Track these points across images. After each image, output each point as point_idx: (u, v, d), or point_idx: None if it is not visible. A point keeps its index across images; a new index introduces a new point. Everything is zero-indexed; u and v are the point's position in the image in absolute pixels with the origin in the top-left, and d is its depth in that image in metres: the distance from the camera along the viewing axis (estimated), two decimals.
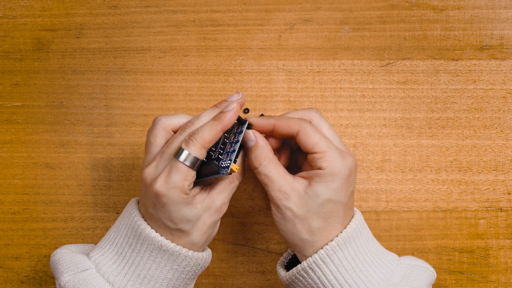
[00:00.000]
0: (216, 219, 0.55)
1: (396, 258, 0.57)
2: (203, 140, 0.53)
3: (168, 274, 0.54)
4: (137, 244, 0.54)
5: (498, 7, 0.67)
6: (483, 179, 0.66)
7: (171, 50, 0.67)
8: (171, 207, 0.52)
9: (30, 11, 0.67)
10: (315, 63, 0.67)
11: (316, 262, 0.53)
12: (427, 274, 0.56)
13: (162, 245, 0.53)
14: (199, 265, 0.55)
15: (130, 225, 0.55)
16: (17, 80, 0.67)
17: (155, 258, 0.53)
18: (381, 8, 0.67)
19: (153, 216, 0.54)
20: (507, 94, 0.66)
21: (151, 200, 0.53)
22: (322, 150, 0.54)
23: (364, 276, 0.54)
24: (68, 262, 0.54)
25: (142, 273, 0.53)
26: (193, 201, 0.54)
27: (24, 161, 0.66)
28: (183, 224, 0.53)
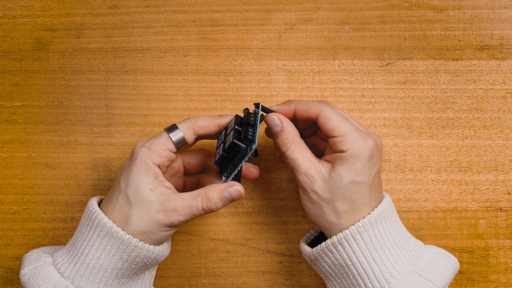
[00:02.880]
0: (160, 219, 0.54)
1: (421, 244, 0.58)
2: (196, 123, 0.56)
3: (117, 263, 0.54)
4: (89, 232, 0.54)
5: (498, 7, 0.67)
6: (483, 179, 0.66)
7: (171, 50, 0.67)
8: (134, 166, 0.54)
9: (30, 11, 0.67)
10: (315, 63, 0.67)
11: (346, 237, 0.54)
12: (452, 263, 0.57)
13: (112, 230, 0.53)
14: (150, 258, 0.55)
15: (86, 215, 0.55)
16: (17, 80, 0.67)
17: (105, 246, 0.53)
18: (381, 8, 0.67)
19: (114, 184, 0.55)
20: (507, 94, 0.66)
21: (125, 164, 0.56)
22: (342, 133, 0.54)
23: (391, 256, 0.54)
24: (33, 257, 0.56)
25: (91, 262, 0.54)
26: (154, 180, 0.54)
27: (24, 161, 0.66)
28: (132, 191, 0.54)
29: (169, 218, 0.54)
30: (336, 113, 0.55)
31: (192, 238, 0.66)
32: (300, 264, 0.66)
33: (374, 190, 0.55)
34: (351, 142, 0.54)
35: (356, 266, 0.54)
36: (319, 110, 0.55)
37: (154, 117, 0.66)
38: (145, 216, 0.53)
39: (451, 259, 0.57)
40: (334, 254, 0.55)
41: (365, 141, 0.54)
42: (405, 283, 0.53)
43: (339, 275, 0.56)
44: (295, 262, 0.66)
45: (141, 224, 0.53)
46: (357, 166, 0.54)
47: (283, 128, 0.56)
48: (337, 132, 0.54)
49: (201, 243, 0.66)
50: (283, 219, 0.66)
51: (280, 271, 0.66)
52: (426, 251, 0.57)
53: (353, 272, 0.54)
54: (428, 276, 0.54)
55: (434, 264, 0.56)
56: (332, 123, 0.54)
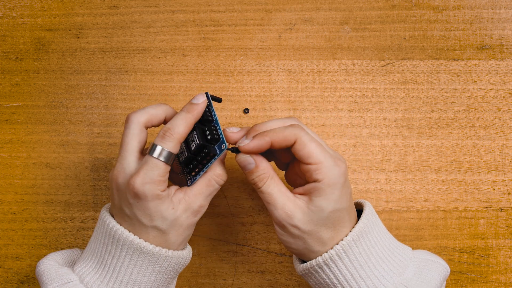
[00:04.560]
0: (193, 221, 0.55)
1: (409, 251, 0.58)
2: (179, 134, 0.53)
3: (150, 276, 0.54)
4: (116, 250, 0.54)
5: (498, 7, 0.67)
6: (483, 179, 0.66)
7: (171, 50, 0.67)
8: (148, 203, 0.53)
9: (30, 11, 0.67)
10: (315, 63, 0.67)
11: (332, 258, 0.53)
12: (440, 270, 0.57)
13: (141, 247, 0.53)
14: (180, 264, 0.55)
15: (106, 232, 0.54)
16: (17, 80, 0.67)
17: (136, 262, 0.53)
18: (381, 8, 0.67)
19: (129, 217, 0.53)
20: (507, 94, 0.66)
21: (126, 200, 0.53)
22: (317, 161, 0.52)
23: (377, 271, 0.54)
24: (53, 274, 0.54)
25: (124, 279, 0.53)
26: (170, 201, 0.54)
27: (24, 161, 0.66)
28: (159, 222, 0.53)
29: (199, 214, 0.55)
30: (310, 138, 0.53)
31: (192, 238, 0.66)
32: None
33: (351, 209, 0.55)
34: (325, 171, 0.52)
35: (343, 285, 0.54)
36: (295, 137, 0.53)
37: None
38: (180, 230, 0.54)
39: (439, 266, 0.57)
40: (320, 274, 0.55)
41: (339, 168, 0.53)
42: None
43: None
44: None
45: (179, 238, 0.55)
46: (335, 195, 0.53)
47: (257, 165, 0.54)
48: (312, 160, 0.52)
49: (201, 243, 0.66)
50: None
51: (280, 271, 0.66)
52: (413, 259, 0.57)
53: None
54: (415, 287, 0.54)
55: (421, 273, 0.55)
56: (307, 150, 0.53)
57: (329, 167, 0.52)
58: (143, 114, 0.55)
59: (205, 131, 0.55)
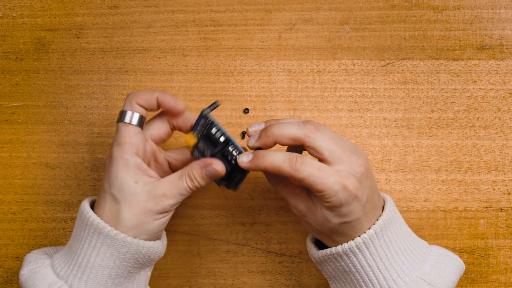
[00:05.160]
0: (152, 207, 0.53)
1: (426, 245, 0.58)
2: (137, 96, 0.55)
3: (109, 261, 0.54)
4: (81, 231, 0.54)
5: (498, 7, 0.67)
6: (483, 179, 0.66)
7: (171, 50, 0.67)
8: (112, 165, 0.54)
9: (30, 11, 0.67)
10: (315, 63, 0.67)
11: (351, 249, 0.54)
12: (457, 266, 0.57)
13: (100, 227, 0.53)
14: (141, 253, 0.54)
15: (79, 215, 0.56)
16: (17, 80, 0.67)
17: (95, 244, 0.53)
18: (381, 8, 0.67)
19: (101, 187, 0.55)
20: (507, 94, 0.66)
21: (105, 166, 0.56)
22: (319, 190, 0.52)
23: (396, 264, 0.54)
24: (31, 258, 0.56)
25: (83, 261, 0.54)
26: (136, 173, 0.54)
27: (24, 161, 0.66)
28: (116, 190, 0.53)
29: (160, 204, 0.54)
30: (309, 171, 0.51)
31: (192, 238, 0.66)
32: (300, 264, 0.66)
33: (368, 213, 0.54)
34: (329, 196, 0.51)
35: (361, 274, 0.54)
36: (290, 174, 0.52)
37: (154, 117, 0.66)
38: (135, 209, 0.53)
39: (456, 262, 0.57)
40: (339, 262, 0.55)
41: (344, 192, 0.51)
42: None
43: (343, 280, 0.56)
44: (295, 262, 0.66)
45: (133, 218, 0.53)
46: (342, 212, 0.52)
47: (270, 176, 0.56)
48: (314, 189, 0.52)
49: (201, 243, 0.66)
50: (283, 219, 0.66)
51: (280, 271, 0.66)
52: (431, 253, 0.57)
53: (358, 279, 0.54)
54: (433, 281, 0.54)
55: (439, 268, 0.56)
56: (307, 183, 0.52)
57: (333, 194, 0.51)
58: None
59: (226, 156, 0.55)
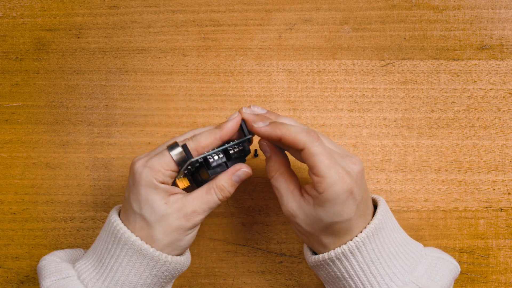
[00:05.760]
0: (184, 225, 0.54)
1: (421, 248, 0.58)
2: (198, 143, 0.54)
3: (147, 279, 0.54)
4: (116, 249, 0.54)
5: (498, 7, 0.67)
6: (483, 179, 0.66)
7: (171, 50, 0.67)
8: (141, 188, 0.53)
9: (30, 11, 0.67)
10: (315, 63, 0.67)
11: (344, 253, 0.54)
12: (451, 268, 0.57)
13: (142, 249, 0.53)
14: (177, 269, 0.55)
15: (110, 230, 0.55)
16: (17, 80, 0.67)
17: (134, 263, 0.53)
18: (381, 8, 0.67)
19: (126, 201, 0.55)
20: (507, 94, 0.66)
21: (128, 181, 0.55)
22: (320, 174, 0.52)
23: (388, 268, 0.54)
24: (53, 268, 0.55)
25: (120, 279, 0.53)
26: (165, 195, 0.54)
27: (24, 161, 0.66)
28: (148, 212, 0.53)
29: (191, 221, 0.54)
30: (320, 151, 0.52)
31: None
32: (300, 264, 0.66)
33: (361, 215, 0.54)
34: (326, 186, 0.52)
35: (353, 279, 0.54)
36: (304, 145, 0.53)
37: (154, 117, 0.66)
38: (168, 229, 0.54)
39: (450, 264, 0.57)
40: (332, 267, 0.55)
41: (342, 184, 0.52)
42: None
43: (337, 285, 0.56)
44: (295, 262, 0.66)
45: (166, 238, 0.54)
46: (335, 209, 0.52)
47: (270, 156, 0.56)
48: (315, 172, 0.52)
49: (201, 243, 0.66)
50: (283, 219, 0.66)
51: (280, 271, 0.66)
52: (425, 257, 0.57)
53: (350, 284, 0.54)
54: (425, 285, 0.54)
55: (432, 271, 0.55)
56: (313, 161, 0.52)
57: (331, 183, 0.52)
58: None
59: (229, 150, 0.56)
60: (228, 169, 0.56)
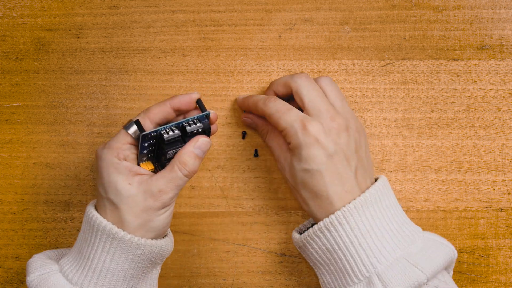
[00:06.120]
0: (151, 205, 0.54)
1: (419, 230, 0.58)
2: (149, 112, 0.56)
3: (124, 265, 0.54)
4: (91, 237, 0.54)
5: (498, 7, 0.67)
6: (483, 179, 0.66)
7: (171, 50, 0.67)
8: (103, 169, 0.54)
9: (30, 11, 0.67)
10: (315, 63, 0.67)
11: (332, 222, 0.54)
12: (447, 251, 0.56)
13: (113, 233, 0.53)
14: (155, 253, 0.55)
15: (86, 221, 0.56)
16: (17, 80, 0.67)
17: (109, 249, 0.53)
18: (381, 8, 0.67)
19: (96, 189, 0.56)
20: (507, 94, 0.66)
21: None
22: (281, 128, 0.57)
23: (378, 241, 0.54)
24: (38, 264, 0.56)
25: (98, 266, 0.54)
26: (128, 175, 0.54)
27: (24, 161, 0.66)
28: (113, 194, 0.54)
29: (159, 200, 0.54)
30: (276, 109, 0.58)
31: (192, 238, 0.66)
32: (300, 264, 0.66)
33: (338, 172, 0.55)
34: (289, 136, 0.56)
35: (343, 251, 0.54)
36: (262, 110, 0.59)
37: None
38: (136, 210, 0.54)
39: (446, 247, 0.56)
40: (322, 239, 0.55)
41: (302, 132, 0.55)
42: (391, 268, 0.53)
43: (327, 261, 0.56)
44: (295, 262, 0.66)
45: (136, 219, 0.54)
46: (303, 155, 0.55)
47: (256, 123, 0.63)
48: (279, 128, 0.57)
49: (201, 243, 0.66)
50: (283, 219, 0.66)
51: (280, 271, 0.66)
52: (422, 238, 0.57)
53: (340, 257, 0.55)
54: (416, 262, 0.53)
55: (426, 250, 0.55)
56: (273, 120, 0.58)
57: (291, 131, 0.56)
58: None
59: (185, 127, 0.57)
60: (187, 142, 0.56)
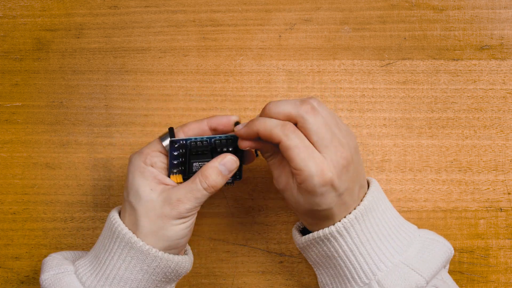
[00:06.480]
0: (167, 212, 0.54)
1: (414, 229, 0.58)
2: (185, 126, 0.57)
3: (138, 275, 0.54)
4: (110, 243, 0.54)
5: (498, 7, 0.67)
6: (483, 179, 0.66)
7: (171, 50, 0.67)
8: (130, 173, 0.55)
9: (30, 11, 0.67)
10: (315, 63, 0.67)
11: (332, 233, 0.54)
12: (444, 250, 0.57)
13: (132, 242, 0.53)
14: (170, 268, 0.55)
15: (108, 226, 0.56)
16: (17, 80, 0.67)
17: (125, 257, 0.54)
18: (381, 8, 0.67)
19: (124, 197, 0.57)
20: (507, 94, 0.66)
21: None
22: (297, 167, 0.52)
23: (378, 248, 0.54)
24: (54, 264, 0.56)
25: (112, 273, 0.54)
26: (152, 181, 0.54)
27: (24, 161, 0.66)
28: (133, 198, 0.54)
29: (176, 209, 0.54)
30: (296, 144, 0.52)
31: (192, 238, 0.66)
32: (300, 264, 0.66)
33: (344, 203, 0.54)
34: (304, 178, 0.52)
35: (343, 259, 0.54)
36: (279, 139, 0.53)
37: (154, 117, 0.66)
38: (151, 215, 0.54)
39: (443, 246, 0.57)
40: (322, 247, 0.55)
41: (319, 178, 0.51)
42: (391, 275, 0.53)
43: (327, 265, 0.56)
44: (295, 262, 0.66)
45: (150, 225, 0.54)
46: (313, 200, 0.53)
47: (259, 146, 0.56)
48: (293, 164, 0.52)
49: (201, 243, 0.66)
50: (283, 219, 0.66)
51: (280, 271, 0.66)
52: (418, 238, 0.57)
53: (340, 264, 0.55)
54: (415, 266, 0.54)
55: (424, 253, 0.55)
56: (289, 154, 0.52)
57: (308, 176, 0.52)
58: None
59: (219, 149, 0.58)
60: (214, 158, 0.56)
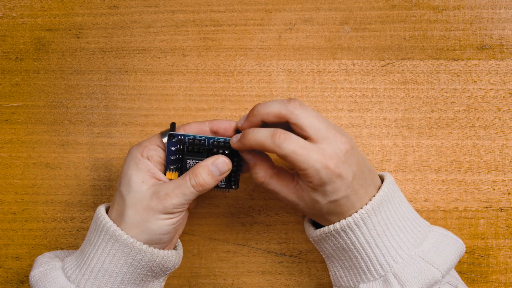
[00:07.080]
0: (153, 205, 0.54)
1: (428, 224, 0.58)
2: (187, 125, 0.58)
3: (122, 268, 0.54)
4: (95, 237, 0.55)
5: (498, 7, 0.67)
6: (483, 179, 0.66)
7: (171, 50, 0.67)
8: (125, 163, 0.56)
9: (30, 11, 0.67)
10: (315, 63, 0.67)
11: (349, 225, 0.54)
12: (457, 246, 0.57)
13: (116, 234, 0.53)
14: (156, 262, 0.55)
15: (94, 220, 0.56)
16: (17, 80, 0.67)
17: (110, 250, 0.54)
18: (381, 8, 0.67)
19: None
20: (507, 94, 0.66)
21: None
22: (301, 168, 0.52)
23: (394, 240, 0.54)
24: (44, 261, 0.57)
25: (96, 266, 0.54)
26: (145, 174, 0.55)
27: (24, 161, 0.66)
28: (124, 187, 0.55)
29: (162, 203, 0.54)
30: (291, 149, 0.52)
31: (192, 238, 0.66)
32: (300, 264, 0.66)
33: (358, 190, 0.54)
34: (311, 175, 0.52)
35: (359, 251, 0.54)
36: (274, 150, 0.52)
37: (154, 117, 0.66)
38: (138, 206, 0.54)
39: (456, 242, 0.57)
40: (337, 239, 0.55)
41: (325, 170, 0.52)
42: (407, 267, 0.54)
43: (341, 257, 0.56)
44: (295, 262, 0.66)
45: (135, 215, 0.54)
46: (328, 190, 0.53)
47: (255, 163, 0.56)
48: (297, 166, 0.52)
49: (201, 243, 0.66)
50: (283, 219, 0.66)
51: (280, 271, 0.66)
52: (432, 232, 0.57)
53: (356, 256, 0.55)
54: (431, 259, 0.54)
55: (439, 247, 0.56)
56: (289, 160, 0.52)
57: (314, 172, 0.52)
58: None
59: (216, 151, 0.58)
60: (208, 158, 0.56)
